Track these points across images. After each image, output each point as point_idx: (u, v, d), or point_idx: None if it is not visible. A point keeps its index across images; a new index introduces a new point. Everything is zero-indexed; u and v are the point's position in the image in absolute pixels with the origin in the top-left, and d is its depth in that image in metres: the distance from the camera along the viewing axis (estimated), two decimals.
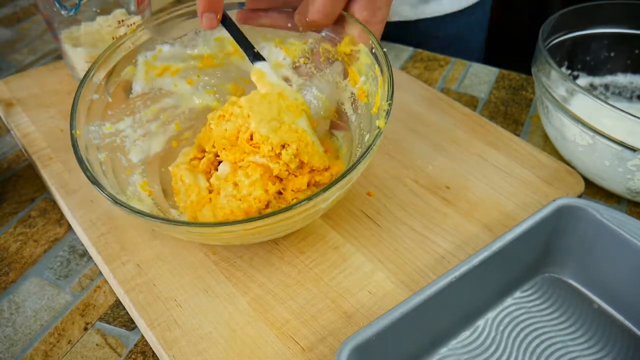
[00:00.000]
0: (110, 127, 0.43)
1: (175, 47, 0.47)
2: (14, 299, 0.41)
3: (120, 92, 0.45)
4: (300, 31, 0.45)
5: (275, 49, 0.48)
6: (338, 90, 0.46)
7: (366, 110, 0.42)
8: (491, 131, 0.51)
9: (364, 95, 0.43)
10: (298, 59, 0.48)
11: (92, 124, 0.41)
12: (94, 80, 0.42)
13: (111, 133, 0.43)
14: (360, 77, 0.43)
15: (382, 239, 0.42)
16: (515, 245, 0.36)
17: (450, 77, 0.63)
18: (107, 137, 0.43)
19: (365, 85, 0.42)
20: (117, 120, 0.44)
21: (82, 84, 0.41)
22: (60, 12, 0.50)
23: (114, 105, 0.44)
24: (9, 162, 0.53)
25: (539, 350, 0.36)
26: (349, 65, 0.44)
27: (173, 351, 0.35)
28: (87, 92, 0.41)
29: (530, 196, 0.45)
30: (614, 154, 0.43)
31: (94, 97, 0.42)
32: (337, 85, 0.46)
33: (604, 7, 0.53)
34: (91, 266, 0.43)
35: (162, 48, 0.46)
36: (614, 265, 0.36)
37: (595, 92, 0.56)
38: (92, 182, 0.36)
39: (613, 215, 0.36)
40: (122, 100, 0.45)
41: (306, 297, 0.38)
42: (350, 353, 0.30)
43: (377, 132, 0.36)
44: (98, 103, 0.42)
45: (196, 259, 0.41)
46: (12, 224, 0.47)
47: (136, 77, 0.46)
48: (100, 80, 0.43)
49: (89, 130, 0.41)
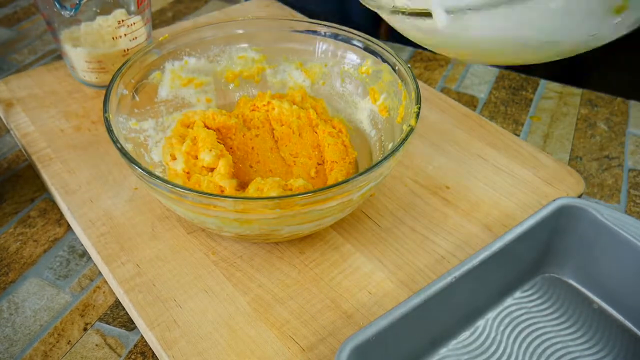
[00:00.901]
0: (135, 124, 0.44)
1: (201, 61, 0.49)
2: (13, 299, 0.41)
3: (146, 94, 0.46)
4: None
5: (296, 71, 0.50)
6: (357, 110, 0.48)
7: (387, 124, 0.44)
8: (491, 131, 0.51)
9: (386, 111, 0.44)
10: (318, 81, 0.50)
11: (120, 116, 0.42)
12: (125, 77, 0.43)
13: (136, 130, 0.44)
14: (381, 94, 0.45)
15: (382, 239, 0.42)
16: (515, 245, 0.36)
17: (450, 77, 0.63)
18: (133, 132, 0.44)
19: (386, 102, 0.44)
20: (142, 119, 0.45)
21: (115, 77, 0.42)
22: (60, 12, 0.49)
23: (140, 104, 0.45)
24: (9, 162, 0.53)
25: (539, 350, 0.36)
26: (369, 85, 0.46)
27: (173, 351, 0.35)
28: (119, 86, 0.42)
29: (530, 196, 0.45)
30: None
31: (124, 92, 0.43)
32: (355, 105, 0.48)
33: None
34: (91, 266, 0.43)
35: (188, 60, 0.48)
36: (614, 265, 0.36)
37: None
38: (127, 158, 0.36)
39: (613, 215, 0.36)
40: (148, 101, 0.46)
41: (306, 297, 0.38)
42: (350, 353, 0.30)
43: (409, 129, 0.37)
44: (126, 99, 0.43)
45: (196, 259, 0.41)
46: (12, 224, 0.47)
47: (162, 83, 0.47)
48: (130, 78, 0.44)
49: (118, 120, 0.42)
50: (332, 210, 0.36)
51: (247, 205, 0.34)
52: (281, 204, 0.33)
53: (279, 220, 0.36)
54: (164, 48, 0.47)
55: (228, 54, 0.50)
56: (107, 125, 0.39)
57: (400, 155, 0.37)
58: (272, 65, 0.51)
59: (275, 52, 0.50)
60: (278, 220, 0.35)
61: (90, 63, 0.54)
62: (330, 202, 0.35)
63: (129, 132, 0.43)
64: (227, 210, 0.34)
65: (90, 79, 0.56)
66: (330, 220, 0.38)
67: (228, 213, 0.35)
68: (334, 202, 0.35)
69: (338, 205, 0.36)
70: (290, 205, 0.34)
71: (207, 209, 0.35)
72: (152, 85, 0.47)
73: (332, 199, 0.34)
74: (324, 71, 0.49)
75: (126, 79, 0.43)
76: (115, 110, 0.41)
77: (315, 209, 0.35)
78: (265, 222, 0.36)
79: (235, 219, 0.35)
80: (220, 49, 0.49)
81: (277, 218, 0.35)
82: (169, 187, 0.34)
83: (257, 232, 0.38)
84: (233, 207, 0.34)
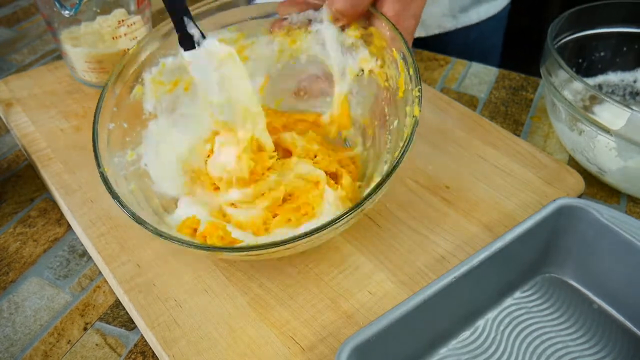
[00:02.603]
0: (132, 154, 0.41)
1: (178, 58, 0.43)
2: (13, 299, 0.41)
3: (133, 114, 0.42)
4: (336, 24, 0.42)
5: (281, 40, 0.46)
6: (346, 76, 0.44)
7: (388, 94, 0.41)
8: (491, 131, 0.51)
9: (384, 79, 0.41)
10: (303, 48, 0.46)
11: (115, 156, 0.40)
12: (107, 110, 0.40)
13: (134, 160, 0.41)
14: (375, 59, 0.42)
15: (382, 239, 0.42)
16: (515, 245, 0.36)
17: (450, 77, 0.63)
18: (131, 165, 0.41)
19: (383, 68, 0.41)
20: (136, 145, 0.42)
21: (97, 115, 0.39)
22: (60, 12, 0.49)
23: (130, 130, 0.42)
24: (9, 162, 0.53)
25: (539, 350, 0.36)
26: (362, 48, 0.42)
27: (173, 351, 0.35)
28: (103, 124, 0.39)
29: (530, 196, 0.45)
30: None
31: (110, 127, 0.40)
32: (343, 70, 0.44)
33: (601, 8, 0.53)
34: (91, 266, 0.43)
35: (165, 62, 0.43)
36: (614, 265, 0.36)
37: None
38: (135, 219, 0.35)
39: (613, 215, 0.36)
40: (138, 123, 0.42)
41: (306, 297, 0.38)
42: (350, 353, 0.30)
43: (414, 121, 0.36)
44: (115, 132, 0.40)
45: (196, 259, 0.41)
46: (12, 224, 0.47)
47: (145, 97, 0.43)
48: (112, 107, 0.40)
49: (114, 163, 0.39)
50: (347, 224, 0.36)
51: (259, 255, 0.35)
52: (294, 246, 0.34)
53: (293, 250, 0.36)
54: (136, 60, 0.42)
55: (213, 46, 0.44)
56: (105, 182, 0.37)
57: (407, 155, 0.35)
58: (252, 41, 0.46)
59: (253, 27, 0.45)
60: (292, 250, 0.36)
61: (90, 63, 0.54)
62: (343, 226, 0.35)
63: (128, 167, 0.40)
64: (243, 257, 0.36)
65: (90, 79, 0.56)
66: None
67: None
68: (349, 222, 0.35)
69: (354, 219, 0.36)
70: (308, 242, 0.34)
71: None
72: (136, 104, 0.43)
73: (344, 224, 0.34)
74: (309, 38, 0.45)
75: (107, 113, 0.40)
76: (108, 156, 0.39)
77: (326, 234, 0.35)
78: (282, 252, 0.37)
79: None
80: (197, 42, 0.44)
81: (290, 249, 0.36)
82: (179, 243, 0.34)
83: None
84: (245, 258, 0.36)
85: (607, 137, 0.43)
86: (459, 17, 0.75)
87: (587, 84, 0.43)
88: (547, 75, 0.48)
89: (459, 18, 0.75)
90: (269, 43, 0.46)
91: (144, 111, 0.43)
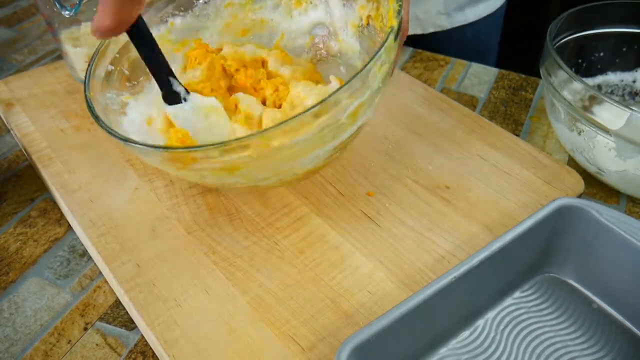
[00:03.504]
0: (129, 97, 0.42)
1: (186, 19, 0.46)
2: (13, 299, 0.41)
3: (138, 66, 0.43)
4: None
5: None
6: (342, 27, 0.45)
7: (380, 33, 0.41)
8: (491, 131, 0.51)
9: (380, 21, 0.41)
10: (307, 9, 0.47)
11: (109, 92, 0.41)
12: (107, 53, 0.41)
13: (127, 103, 0.43)
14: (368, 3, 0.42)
15: (382, 239, 0.42)
16: (515, 245, 0.36)
17: (450, 77, 0.63)
18: (123, 105, 0.42)
19: (379, 11, 0.41)
20: (136, 92, 0.43)
21: (96, 53, 0.40)
22: (60, 12, 0.49)
23: (133, 77, 0.43)
24: (9, 162, 0.53)
25: (539, 350, 0.36)
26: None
27: (173, 351, 0.35)
28: (101, 62, 0.41)
29: (530, 196, 0.45)
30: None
31: (109, 68, 0.41)
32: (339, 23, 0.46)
33: (601, 8, 0.53)
34: (91, 266, 0.43)
35: (174, 21, 0.45)
36: (614, 265, 0.36)
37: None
38: (108, 130, 0.35)
39: (613, 215, 0.36)
40: (141, 72, 0.44)
41: (306, 297, 0.38)
42: (350, 353, 0.30)
43: (389, 30, 0.35)
44: (114, 74, 0.42)
45: (196, 259, 0.41)
46: (12, 223, 0.47)
47: None
48: (114, 53, 0.42)
49: (106, 96, 0.40)
50: (322, 137, 0.34)
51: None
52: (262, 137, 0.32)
53: (268, 159, 0.34)
54: (145, 14, 0.44)
55: (213, 5, 0.47)
56: (89, 104, 0.37)
57: (386, 63, 0.34)
58: (260, 5, 0.48)
59: None
60: (266, 159, 0.34)
61: None
62: (316, 123, 0.33)
63: (123, 106, 0.42)
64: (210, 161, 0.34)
65: None
66: (324, 152, 0.37)
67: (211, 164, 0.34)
68: (320, 123, 0.33)
69: (327, 131, 0.34)
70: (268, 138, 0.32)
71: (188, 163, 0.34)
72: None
73: (316, 117, 0.32)
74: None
75: (109, 53, 0.41)
76: (100, 88, 0.40)
77: (301, 137, 0.33)
78: (252, 165, 0.35)
79: (221, 168, 0.35)
80: (204, 2, 0.47)
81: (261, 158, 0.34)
82: (150, 149, 0.34)
83: (248, 179, 0.37)
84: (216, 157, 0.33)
85: (606, 137, 0.43)
86: (455, 15, 0.75)
87: (586, 84, 0.43)
88: (546, 76, 0.48)
89: (454, 17, 0.75)
90: (275, 7, 0.48)
91: None
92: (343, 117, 0.34)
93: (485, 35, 0.81)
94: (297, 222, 0.44)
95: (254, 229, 0.43)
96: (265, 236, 0.43)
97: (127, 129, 0.40)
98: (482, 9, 0.76)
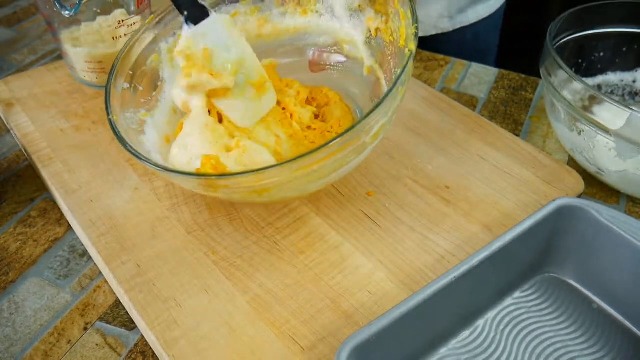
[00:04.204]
0: (145, 114, 0.44)
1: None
2: (13, 299, 0.41)
3: (149, 81, 0.45)
4: None
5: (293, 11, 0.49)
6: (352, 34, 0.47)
7: (392, 48, 0.43)
8: (491, 131, 0.51)
9: (389, 34, 0.43)
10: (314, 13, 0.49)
11: (127, 112, 0.42)
12: (121, 70, 0.42)
13: (145, 121, 0.44)
14: (379, 16, 0.44)
15: (382, 239, 0.42)
16: (515, 245, 0.36)
17: (450, 77, 0.63)
18: (141, 124, 0.43)
19: (388, 24, 0.43)
20: (151, 108, 0.44)
21: (112, 73, 0.42)
22: (60, 12, 0.50)
23: (146, 93, 0.44)
24: (9, 162, 0.53)
25: (539, 350, 0.36)
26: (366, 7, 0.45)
27: (173, 351, 0.35)
28: (118, 81, 0.42)
29: (530, 196, 0.45)
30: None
31: (124, 86, 0.43)
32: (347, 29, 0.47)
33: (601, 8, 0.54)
34: (91, 266, 0.43)
35: (180, 33, 0.45)
36: (614, 265, 0.37)
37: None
38: (138, 157, 0.36)
39: (613, 215, 0.36)
40: (154, 88, 0.45)
41: (306, 297, 0.38)
42: (350, 353, 0.30)
43: (409, 54, 0.36)
44: (129, 92, 0.43)
45: (196, 259, 0.41)
46: (12, 224, 0.47)
47: (162, 65, 0.46)
48: (128, 70, 0.43)
49: (125, 116, 0.41)
50: (346, 157, 0.36)
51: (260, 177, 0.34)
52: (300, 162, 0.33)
53: (298, 181, 0.36)
54: (154, 30, 0.46)
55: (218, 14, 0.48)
56: (114, 129, 0.38)
57: (406, 82, 0.36)
58: (265, 14, 0.49)
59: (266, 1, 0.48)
60: (296, 181, 0.36)
61: (90, 63, 0.54)
62: (344, 150, 0.35)
63: (141, 124, 0.43)
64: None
65: (90, 79, 0.56)
66: (349, 168, 0.39)
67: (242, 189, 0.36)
68: (348, 148, 0.35)
69: (351, 151, 0.36)
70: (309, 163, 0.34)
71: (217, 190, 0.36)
72: (152, 71, 0.46)
73: (346, 145, 0.34)
74: (318, 7, 0.48)
75: (123, 71, 0.43)
76: (119, 109, 0.41)
77: (329, 162, 0.35)
78: (283, 185, 0.36)
79: (251, 192, 0.36)
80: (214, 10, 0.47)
81: (294, 180, 0.36)
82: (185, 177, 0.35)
83: (281, 195, 0.38)
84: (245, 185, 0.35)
85: (606, 137, 0.43)
86: (456, 17, 0.76)
87: (586, 84, 0.43)
88: (546, 76, 0.48)
89: (455, 19, 0.76)
90: (281, 15, 0.49)
91: (160, 78, 0.46)
92: (367, 138, 0.36)
93: (485, 35, 0.81)
94: (297, 222, 0.44)
95: (254, 229, 0.43)
96: (265, 236, 0.43)
97: (149, 149, 0.42)
98: (482, 9, 0.77)
